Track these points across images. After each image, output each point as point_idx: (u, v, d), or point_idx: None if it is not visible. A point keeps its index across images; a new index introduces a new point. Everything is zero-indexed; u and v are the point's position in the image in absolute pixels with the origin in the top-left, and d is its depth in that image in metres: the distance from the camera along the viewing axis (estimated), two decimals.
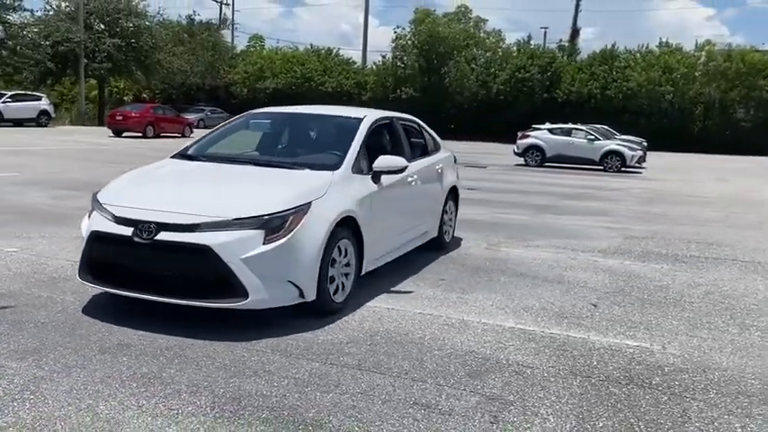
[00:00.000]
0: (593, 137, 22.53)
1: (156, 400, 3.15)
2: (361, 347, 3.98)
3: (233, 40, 56.26)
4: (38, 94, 31.93)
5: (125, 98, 46.96)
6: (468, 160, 23.21)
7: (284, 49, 53.47)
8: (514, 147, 23.78)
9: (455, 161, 7.60)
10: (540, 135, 23.21)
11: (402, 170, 5.21)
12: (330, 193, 4.55)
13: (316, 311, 4.43)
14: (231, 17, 56.83)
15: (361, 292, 5.05)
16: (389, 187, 5.33)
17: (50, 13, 37.86)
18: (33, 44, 33.66)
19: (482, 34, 46.87)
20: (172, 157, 5.33)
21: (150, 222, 4.04)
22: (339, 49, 52.61)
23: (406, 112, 7.00)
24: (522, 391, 3.46)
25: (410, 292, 5.30)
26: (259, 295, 4.02)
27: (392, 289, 5.31)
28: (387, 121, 6.04)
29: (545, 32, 55.25)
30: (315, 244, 4.24)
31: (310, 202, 4.33)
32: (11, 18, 33.25)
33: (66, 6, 37.52)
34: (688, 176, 20.27)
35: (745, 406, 3.40)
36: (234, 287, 3.97)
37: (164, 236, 4.00)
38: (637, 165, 22.17)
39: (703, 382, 3.70)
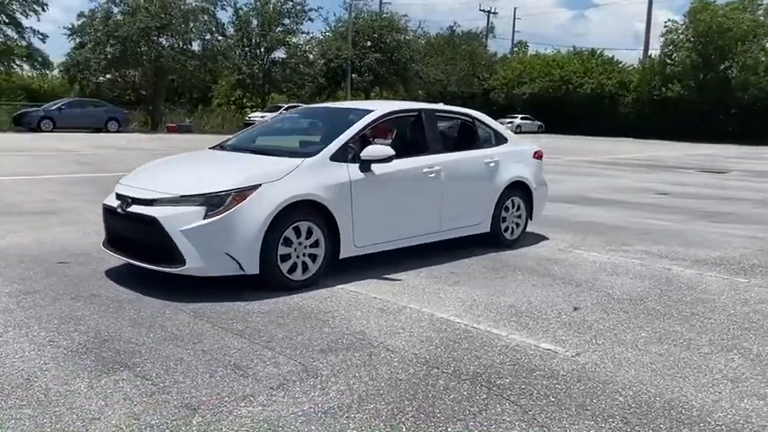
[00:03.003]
0: None
1: (49, 334, 3.90)
2: (266, 318, 4.30)
3: (512, 47, 57.09)
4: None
5: None
6: (717, 165, 20.85)
7: (546, 53, 52.73)
8: None
9: (535, 157, 7.23)
10: None
11: (389, 159, 5.31)
12: (290, 177, 4.92)
13: (266, 286, 4.83)
14: (512, 25, 58.09)
15: (346, 275, 5.32)
16: (388, 177, 5.47)
17: (328, 34, 42.85)
18: (308, 62, 38.51)
19: None
20: (210, 148, 6.16)
21: (128, 197, 4.89)
22: (603, 49, 49.98)
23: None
24: (344, 369, 3.49)
25: (399, 280, 5.37)
26: (195, 263, 4.59)
27: (385, 276, 5.44)
28: (410, 114, 6.15)
29: None
30: (256, 222, 4.66)
31: (260, 185, 4.76)
32: (293, 40, 38.50)
33: (341, 26, 42.08)
34: None
35: (561, 417, 2.99)
36: (174, 254, 4.60)
37: (133, 208, 4.81)
38: None
39: (556, 389, 3.30)
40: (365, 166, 5.33)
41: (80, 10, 33.96)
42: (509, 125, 46.80)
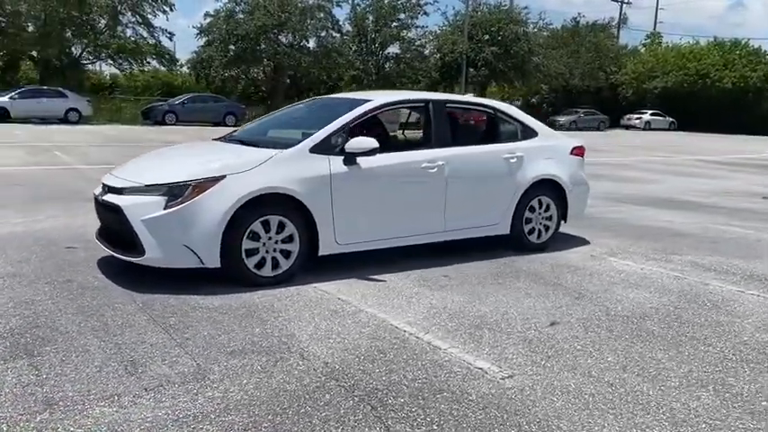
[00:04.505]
0: None
1: None
2: (207, 314, 4.14)
3: (652, 38, 53.44)
4: None
5: (513, 103, 49.39)
6: None
7: (682, 44, 48.95)
8: None
9: (574, 153, 6.55)
10: None
11: (372, 151, 4.98)
12: (259, 169, 4.73)
13: (234, 280, 4.68)
14: (654, 16, 54.54)
15: (329, 272, 5.08)
16: (377, 170, 5.15)
17: (446, 28, 42.29)
18: (422, 57, 38.26)
19: None
20: (213, 139, 6.11)
21: (106, 186, 4.93)
22: (748, 39, 45.48)
23: None
24: (238, 375, 3.25)
25: (382, 281, 5.04)
26: (154, 254, 4.53)
27: (370, 276, 5.12)
28: (415, 105, 5.77)
29: None
30: (215, 214, 4.51)
31: (224, 176, 4.61)
32: (408, 35, 38.41)
33: (458, 20, 41.42)
34: None
35: None
36: (135, 244, 4.56)
37: (106, 197, 4.84)
38: None
39: (450, 416, 2.87)
40: (350, 159, 5.03)
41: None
42: (637, 121, 44.09)
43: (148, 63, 35.63)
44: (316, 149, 4.99)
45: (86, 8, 30.26)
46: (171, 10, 33.63)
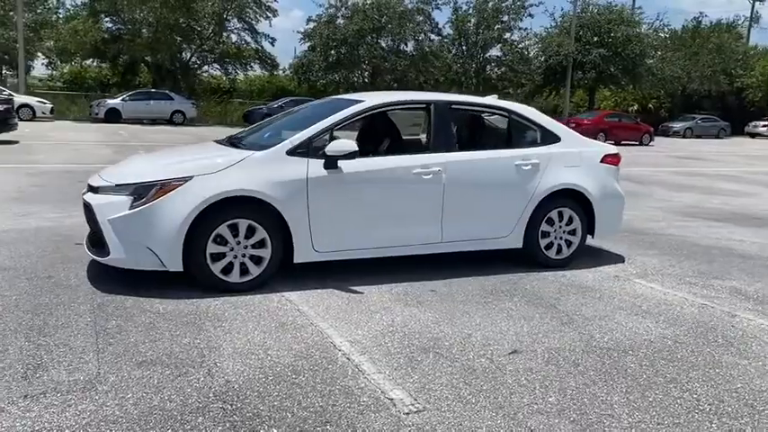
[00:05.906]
0: None
1: None
2: (151, 319, 4.01)
3: None
4: None
5: (629, 109, 46.74)
6: None
7: None
8: None
9: (605, 161, 5.91)
10: None
11: (351, 155, 4.68)
12: (228, 171, 4.56)
13: (201, 285, 4.53)
14: None
15: (308, 280, 4.87)
16: (360, 176, 4.86)
17: (554, 30, 40.79)
18: (524, 59, 37.08)
19: None
20: (214, 141, 5.98)
21: (89, 185, 4.95)
22: None
23: None
24: (129, 387, 3.07)
25: (360, 293, 4.73)
26: (117, 254, 4.47)
27: (350, 287, 4.83)
28: (413, 106, 5.38)
29: None
30: (177, 216, 4.38)
31: (191, 177, 4.48)
32: (511, 38, 37.37)
33: (566, 21, 39.83)
34: None
35: None
36: (102, 243, 4.53)
37: (86, 195, 4.85)
38: None
39: None
40: (331, 162, 4.76)
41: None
42: (764, 129, 40.58)
43: (251, 68, 36.99)
44: (294, 152, 4.76)
45: (194, 15, 31.82)
46: (274, 16, 34.72)
